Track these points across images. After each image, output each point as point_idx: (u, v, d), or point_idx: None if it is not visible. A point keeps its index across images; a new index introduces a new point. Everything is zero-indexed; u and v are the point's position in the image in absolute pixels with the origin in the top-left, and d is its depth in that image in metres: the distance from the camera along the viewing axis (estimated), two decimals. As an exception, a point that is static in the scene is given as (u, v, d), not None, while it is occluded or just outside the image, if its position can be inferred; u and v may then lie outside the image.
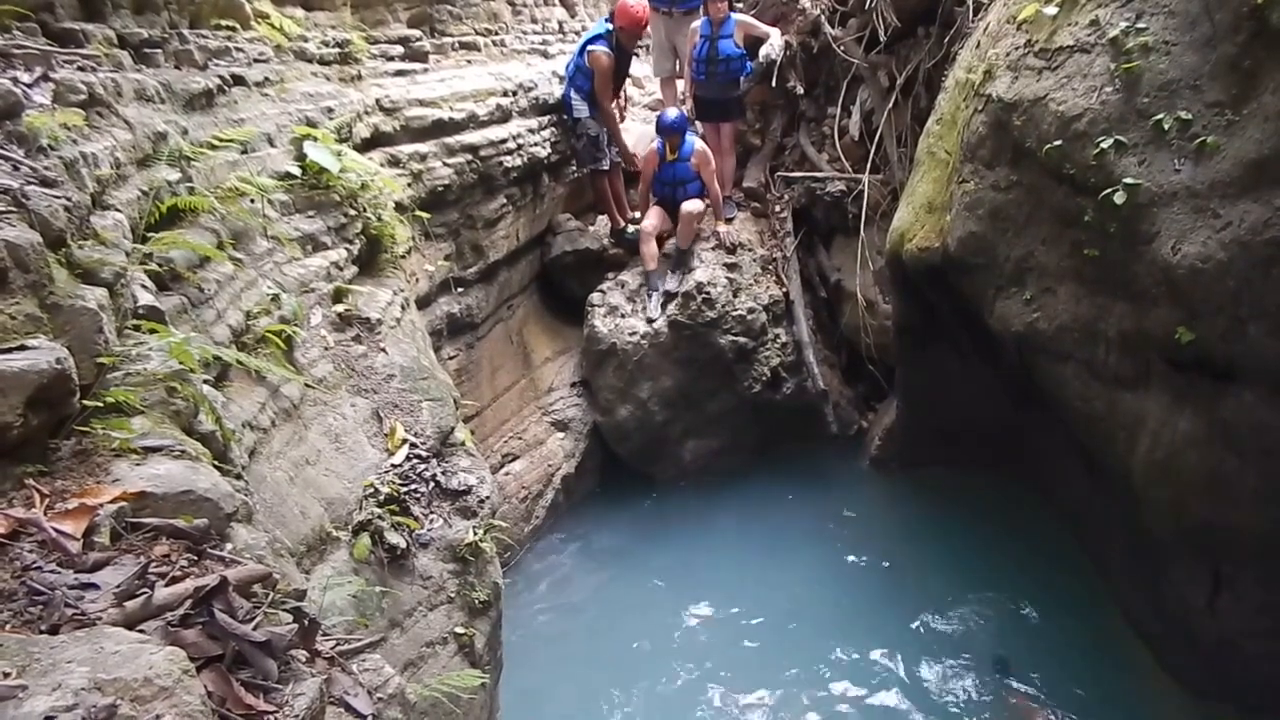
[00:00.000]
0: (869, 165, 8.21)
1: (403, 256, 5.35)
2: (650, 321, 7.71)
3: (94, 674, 1.33)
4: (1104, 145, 4.44)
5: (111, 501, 1.83)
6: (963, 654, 5.90)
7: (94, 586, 1.62)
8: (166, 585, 1.67)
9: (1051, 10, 4.96)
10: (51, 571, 1.63)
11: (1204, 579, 4.70)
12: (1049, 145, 4.74)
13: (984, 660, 5.81)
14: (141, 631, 1.53)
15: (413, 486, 3.94)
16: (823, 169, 8.62)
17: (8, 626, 1.47)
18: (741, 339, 7.76)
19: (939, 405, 7.19)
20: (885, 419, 8.06)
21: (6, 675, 1.31)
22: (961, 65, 6.18)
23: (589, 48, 7.68)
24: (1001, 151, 5.28)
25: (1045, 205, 5.04)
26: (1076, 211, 4.74)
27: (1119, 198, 4.34)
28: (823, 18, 8.49)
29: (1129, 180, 4.33)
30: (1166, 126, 4.24)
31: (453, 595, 3.80)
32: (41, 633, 1.48)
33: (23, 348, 1.86)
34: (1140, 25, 4.44)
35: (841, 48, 8.40)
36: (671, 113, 7.88)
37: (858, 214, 8.16)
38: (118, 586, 1.62)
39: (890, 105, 8.13)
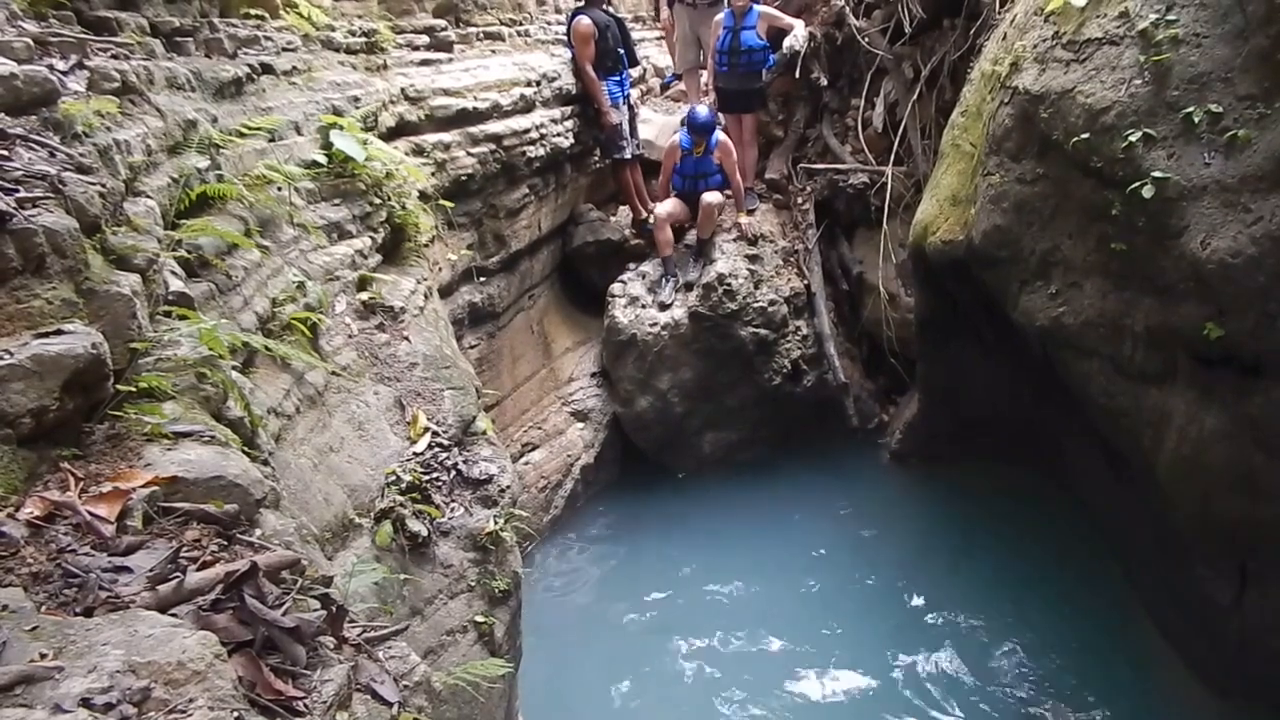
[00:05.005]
0: (892, 157, 8.15)
1: (426, 245, 5.38)
2: (663, 307, 7.66)
3: (128, 657, 1.35)
4: (1132, 138, 4.39)
5: (144, 486, 1.85)
6: (979, 647, 5.88)
7: (127, 570, 1.64)
8: (198, 570, 1.69)
9: (1080, 2, 4.89)
10: (86, 554, 1.65)
11: (1230, 576, 4.66)
12: (1076, 138, 4.69)
13: (997, 654, 5.79)
14: (174, 615, 1.55)
15: (434, 475, 3.96)
16: (845, 161, 8.58)
17: (44, 608, 1.49)
18: (762, 331, 7.74)
19: (960, 399, 7.15)
20: (906, 412, 8.03)
21: (44, 656, 1.33)
22: (987, 57, 6.12)
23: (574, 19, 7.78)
24: (1028, 144, 5.23)
25: (1071, 199, 4.99)
26: (1104, 205, 4.69)
27: (1147, 191, 4.29)
28: (847, 9, 8.44)
29: (1158, 174, 4.28)
30: (1197, 119, 4.19)
31: (473, 584, 3.82)
32: (76, 615, 1.51)
33: (59, 332, 1.89)
34: (1170, 17, 4.39)
35: (866, 39, 8.34)
36: (703, 110, 7.81)
37: (880, 206, 8.11)
38: (150, 570, 1.64)
39: (914, 97, 8.06)
